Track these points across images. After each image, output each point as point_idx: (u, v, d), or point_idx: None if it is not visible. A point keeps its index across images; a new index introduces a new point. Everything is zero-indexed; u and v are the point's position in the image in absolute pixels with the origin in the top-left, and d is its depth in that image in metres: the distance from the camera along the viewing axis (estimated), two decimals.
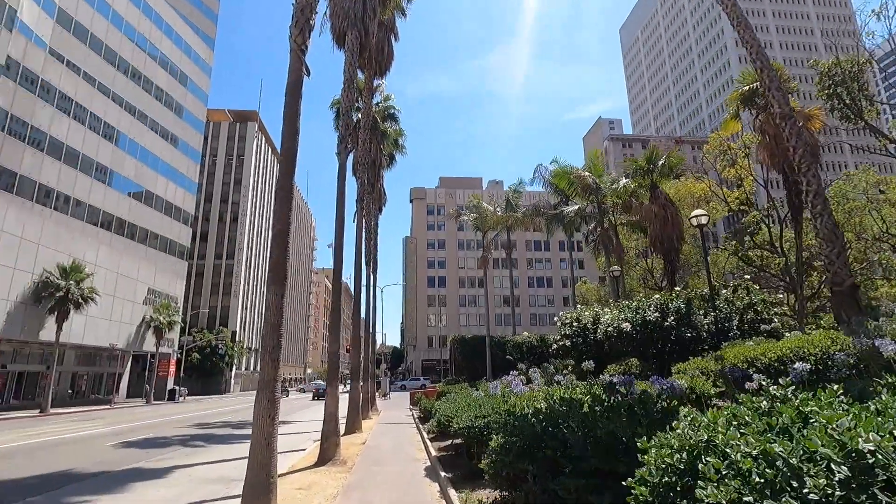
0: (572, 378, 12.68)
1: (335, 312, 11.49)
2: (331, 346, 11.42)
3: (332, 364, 11.22)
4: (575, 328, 15.41)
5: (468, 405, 9.33)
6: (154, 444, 15.19)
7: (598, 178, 23.34)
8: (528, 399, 7.34)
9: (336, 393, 11.20)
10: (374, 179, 26.77)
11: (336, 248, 11.59)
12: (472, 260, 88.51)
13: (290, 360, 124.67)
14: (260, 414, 6.16)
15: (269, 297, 6.50)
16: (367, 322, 26.65)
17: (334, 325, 11.35)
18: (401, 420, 21.39)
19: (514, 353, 25.22)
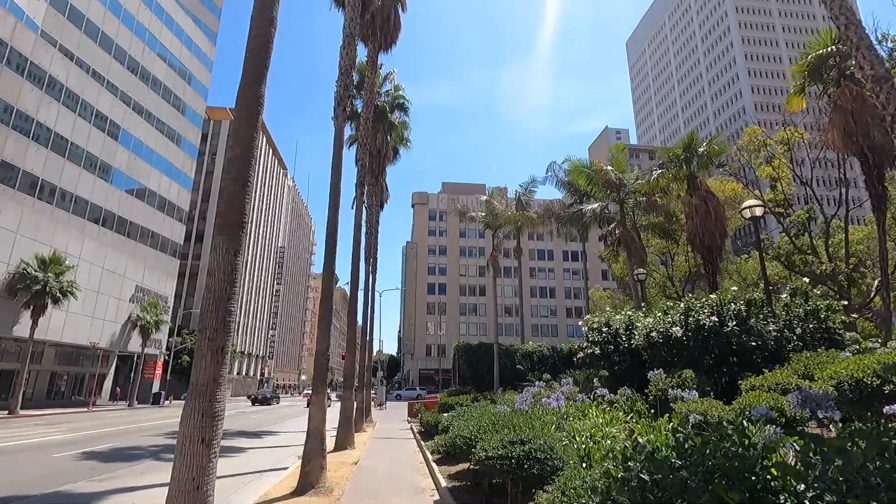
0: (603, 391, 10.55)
1: (325, 302, 9.41)
2: (318, 343, 9.31)
3: (320, 366, 9.10)
4: (604, 334, 13.28)
5: (493, 424, 7.20)
6: (117, 457, 12.97)
7: (620, 173, 21.38)
8: (593, 427, 5.28)
9: (322, 402, 9.05)
10: (378, 171, 24.82)
11: (330, 225, 9.52)
12: (473, 267, 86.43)
13: (284, 367, 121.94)
14: (189, 437, 4.05)
15: (214, 258, 4.46)
16: (365, 325, 24.51)
17: (324, 317, 9.26)
18: (399, 434, 19.14)
19: (524, 363, 23.06)
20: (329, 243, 9.52)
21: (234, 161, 4.78)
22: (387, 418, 28.46)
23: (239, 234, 4.50)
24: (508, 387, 21.88)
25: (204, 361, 4.21)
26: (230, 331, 4.31)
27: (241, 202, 4.63)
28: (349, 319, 15.27)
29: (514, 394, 20.75)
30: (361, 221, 16.67)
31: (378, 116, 23.51)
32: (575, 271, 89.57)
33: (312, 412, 8.74)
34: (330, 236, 9.54)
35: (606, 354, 12.99)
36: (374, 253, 27.01)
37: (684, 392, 8.12)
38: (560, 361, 23.96)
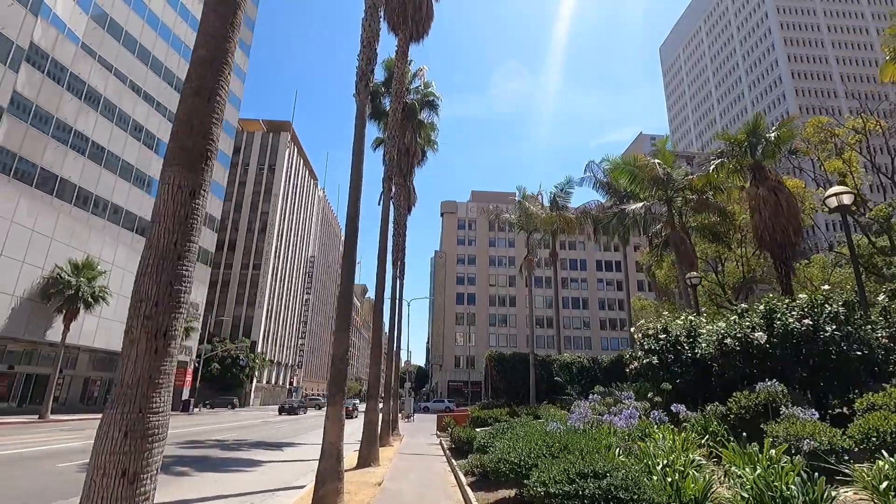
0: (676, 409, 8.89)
1: (344, 298, 8.19)
2: (335, 346, 8.07)
3: (336, 372, 7.85)
4: (662, 342, 11.58)
5: (547, 446, 5.74)
6: None
7: (668, 168, 19.62)
8: (669, 452, 3.80)
9: (339, 414, 7.76)
10: (406, 171, 23.78)
11: (351, 208, 8.33)
12: (503, 277, 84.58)
13: (314, 376, 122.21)
14: (101, 468, 2.64)
15: (161, 198, 3.21)
16: (392, 332, 23.32)
17: (342, 315, 8.04)
18: (427, 450, 17.68)
19: (563, 375, 21.32)
20: (349, 229, 8.34)
21: (198, 65, 3.63)
22: (415, 432, 27.04)
23: (200, 166, 3.25)
24: (546, 400, 20.20)
25: (135, 350, 2.92)
26: (181, 308, 3.06)
27: (206, 123, 3.41)
28: (374, 323, 14.05)
29: (554, 408, 19.05)
30: (389, 217, 15.52)
31: (407, 114, 22.52)
32: (609, 281, 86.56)
33: (327, 426, 7.47)
34: (350, 220, 8.37)
35: (665, 365, 11.29)
36: (402, 257, 25.87)
37: (796, 410, 6.44)
38: (601, 374, 22.12)
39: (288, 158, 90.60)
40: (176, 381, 38.57)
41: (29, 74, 33.42)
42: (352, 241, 8.41)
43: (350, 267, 8.31)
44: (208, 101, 3.47)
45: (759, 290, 25.59)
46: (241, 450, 17.14)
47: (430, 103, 24.78)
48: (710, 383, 11.23)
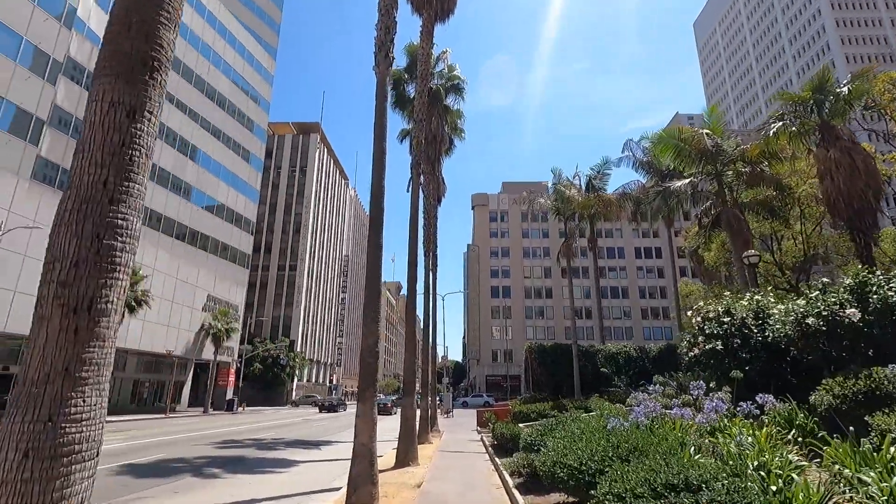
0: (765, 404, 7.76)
1: (372, 284, 7.49)
2: (364, 338, 7.37)
3: (366, 366, 7.16)
4: (726, 326, 10.37)
5: (613, 447, 4.83)
6: (157, 471, 11.80)
7: (718, 138, 18.04)
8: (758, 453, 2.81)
9: (371, 413, 7.09)
10: (433, 158, 23.00)
11: (374, 186, 7.62)
12: (538, 269, 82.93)
13: (353, 373, 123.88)
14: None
15: (88, 118, 2.42)
16: (427, 324, 22.65)
17: (370, 304, 7.33)
18: (468, 447, 16.93)
19: (609, 366, 20.13)
20: (374, 209, 7.64)
21: None
22: (454, 428, 26.38)
23: (142, 78, 2.48)
24: (591, 393, 19.10)
25: (45, 331, 2.17)
26: (116, 271, 2.31)
27: (150, 22, 2.60)
28: (407, 313, 13.37)
29: (602, 400, 17.93)
30: (418, 205, 14.78)
31: (432, 100, 21.72)
32: (650, 269, 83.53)
33: (358, 426, 6.80)
34: (375, 199, 7.67)
35: (731, 351, 10.09)
36: (434, 248, 25.18)
37: None
38: (650, 364, 20.79)
39: (318, 159, 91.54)
40: (220, 382, 39.41)
41: (68, 88, 34.49)
42: (377, 223, 7.70)
43: (376, 251, 7.60)
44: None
45: (820, 270, 23.54)
46: (277, 449, 16.85)
47: (455, 87, 23.90)
48: (783, 370, 9.98)
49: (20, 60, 28.52)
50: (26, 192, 27.81)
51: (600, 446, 4.86)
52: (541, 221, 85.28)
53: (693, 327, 11.59)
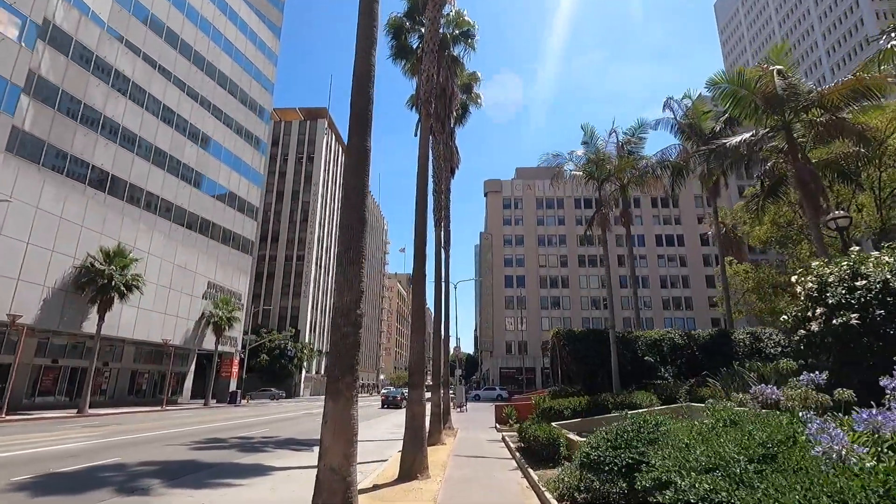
0: None
1: (354, 204, 4.73)
2: (341, 292, 4.58)
3: (343, 340, 4.40)
4: (860, 293, 7.37)
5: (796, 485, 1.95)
6: (69, 485, 9.21)
7: (792, 77, 14.91)
8: None
9: (347, 414, 4.32)
10: (443, 116, 20.06)
11: (360, 48, 4.81)
12: (554, 257, 79.67)
13: (363, 366, 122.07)
14: None
15: None
16: (438, 302, 19.88)
17: (350, 238, 4.57)
18: (489, 449, 14.14)
19: (653, 355, 17.16)
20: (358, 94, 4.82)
21: None
22: (469, 424, 23.64)
23: None
24: (631, 385, 16.16)
25: None
26: None
27: None
28: (415, 283, 10.56)
29: (649, 395, 14.98)
30: (427, 154, 11.90)
31: (440, 46, 18.70)
32: (671, 257, 79.85)
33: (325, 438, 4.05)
34: (359, 82, 4.84)
35: (871, 328, 7.09)
36: (447, 222, 22.37)
37: None
38: (701, 352, 17.78)
39: (326, 146, 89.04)
40: (223, 373, 36.83)
41: (52, 58, 32.11)
42: (362, 119, 4.93)
43: (359, 157, 4.83)
44: None
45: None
46: (261, 450, 14.24)
47: (464, 35, 20.75)
48: None
49: None
50: (1, 164, 25.47)
51: (750, 477, 2.03)
52: (556, 208, 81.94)
53: (798, 298, 8.59)
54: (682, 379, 16.29)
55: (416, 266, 10.51)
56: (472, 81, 25.10)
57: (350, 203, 4.85)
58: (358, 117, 5.09)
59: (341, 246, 4.87)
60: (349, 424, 4.28)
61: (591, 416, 14.02)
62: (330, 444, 4.13)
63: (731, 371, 12.64)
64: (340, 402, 4.32)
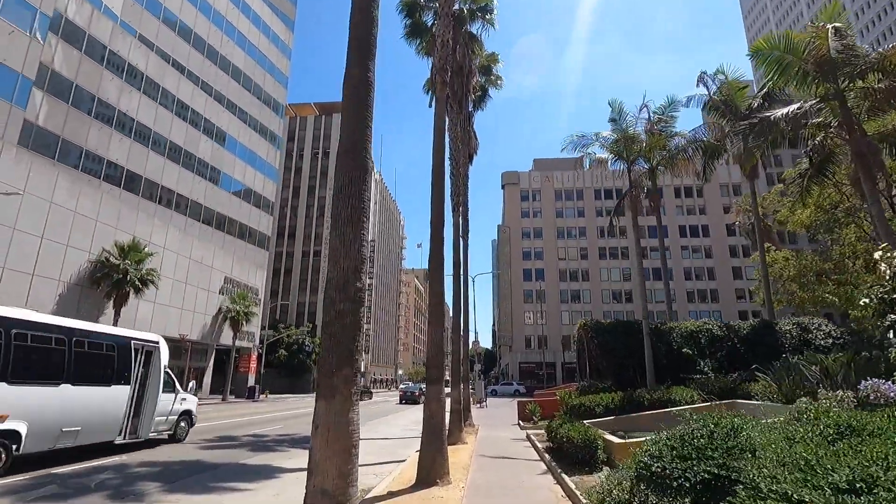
0: None
1: (353, 139, 3.77)
2: (336, 260, 3.63)
3: (339, 319, 3.45)
4: None
5: None
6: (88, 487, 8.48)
7: (850, 37, 13.42)
8: None
9: (345, 419, 3.32)
10: (461, 95, 19.00)
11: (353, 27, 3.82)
12: (573, 250, 77.92)
13: (381, 361, 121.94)
14: None
15: None
16: (459, 297, 18.87)
17: (347, 183, 3.63)
18: (514, 449, 13.10)
19: (690, 347, 15.89)
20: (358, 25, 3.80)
21: None
22: (490, 421, 22.63)
23: None
24: (667, 381, 14.92)
25: None
26: None
27: None
28: (432, 273, 9.55)
29: (689, 391, 13.73)
30: (444, 122, 10.81)
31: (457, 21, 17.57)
32: (695, 248, 77.45)
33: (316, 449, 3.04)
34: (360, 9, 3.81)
35: None
36: (465, 209, 21.34)
37: None
38: (741, 344, 16.42)
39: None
40: (241, 368, 36.40)
41: (66, 52, 31.87)
42: (364, 41, 3.91)
43: (360, 88, 3.84)
44: None
45: None
46: (274, 450, 13.43)
47: (482, 10, 19.57)
48: None
49: (2, 13, 25.78)
50: (14, 158, 25.23)
51: None
52: (576, 200, 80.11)
53: (883, 278, 7.31)
54: (722, 373, 15.00)
55: (434, 249, 9.49)
56: (491, 63, 23.95)
57: (348, 149, 3.85)
58: (359, 43, 4.09)
59: (337, 202, 3.89)
60: (347, 432, 3.30)
61: (626, 413, 12.90)
62: (321, 457, 3.17)
63: (784, 364, 11.35)
64: (336, 401, 3.34)
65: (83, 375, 11.14)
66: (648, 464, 4.67)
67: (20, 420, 9.27)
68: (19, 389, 9.49)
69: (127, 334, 13.40)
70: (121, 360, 12.36)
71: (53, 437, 10.06)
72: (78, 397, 10.78)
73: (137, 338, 13.56)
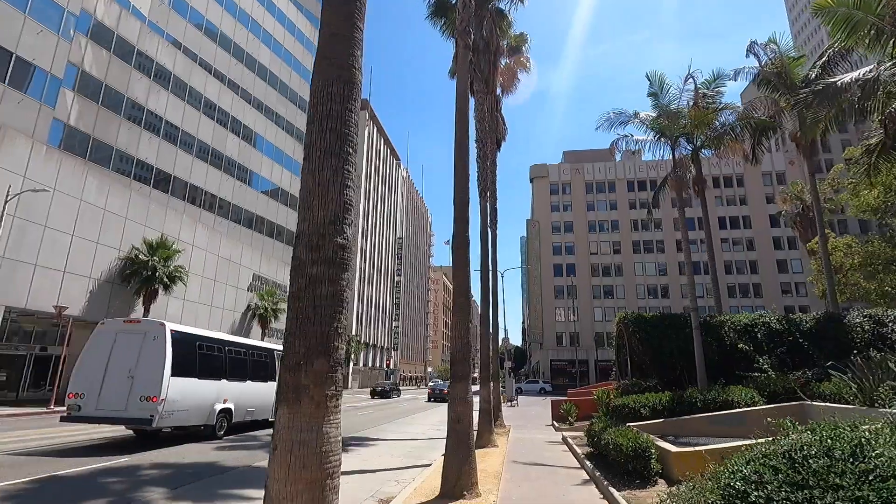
0: None
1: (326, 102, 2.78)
2: (309, 205, 2.51)
3: (311, 291, 2.45)
4: None
5: None
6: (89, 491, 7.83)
7: None
8: None
9: (314, 433, 2.30)
10: (487, 74, 17.86)
11: None
12: (606, 244, 75.45)
13: (410, 358, 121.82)
14: None
15: None
16: (486, 296, 17.77)
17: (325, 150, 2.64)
18: (550, 455, 11.93)
19: (746, 342, 14.33)
20: None
21: None
22: (522, 421, 21.47)
23: None
24: (719, 379, 13.44)
25: None
26: None
27: None
28: (456, 258, 8.50)
29: (749, 390, 12.24)
30: (466, 87, 9.71)
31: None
32: (736, 241, 73.85)
33: (271, 478, 2.02)
34: None
35: None
36: (493, 198, 20.19)
37: None
38: (804, 339, 14.72)
39: (368, 137, 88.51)
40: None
41: (95, 53, 32.24)
42: None
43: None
44: None
45: None
46: None
47: None
48: None
49: (30, 12, 26.08)
50: (43, 157, 25.50)
51: None
52: (608, 192, 77.52)
53: None
54: (784, 371, 13.41)
55: (458, 231, 8.44)
56: (520, 43, 22.79)
57: (328, 54, 2.80)
58: None
59: (312, 127, 2.91)
60: (318, 455, 2.23)
61: (676, 416, 11.54)
62: (280, 495, 2.15)
63: (867, 361, 9.81)
64: (303, 409, 2.27)
65: (255, 375, 16.75)
66: (744, 491, 3.49)
67: (232, 403, 14.96)
68: (230, 384, 15.05)
69: (273, 347, 19.20)
70: (271, 365, 17.90)
71: (243, 414, 15.69)
72: (253, 389, 16.38)
73: (278, 349, 18.95)
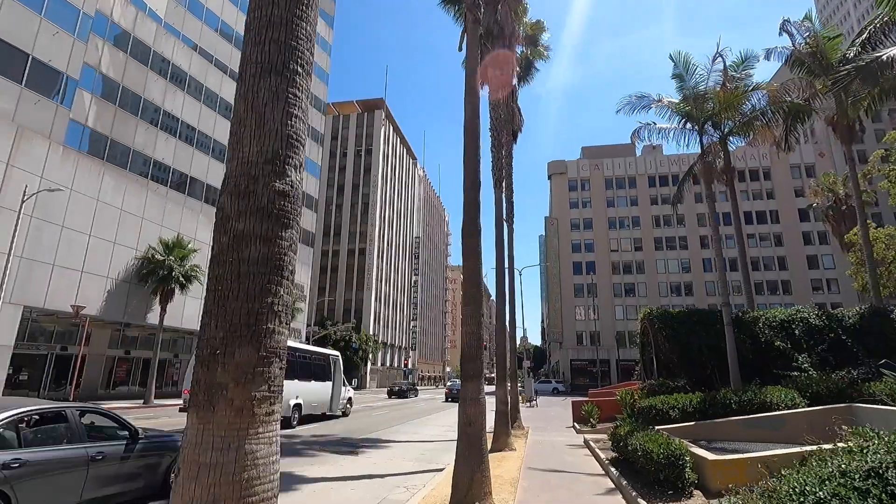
0: None
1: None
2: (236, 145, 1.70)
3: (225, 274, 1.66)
4: None
5: None
6: None
7: None
8: None
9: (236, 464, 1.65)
10: (504, 60, 17.09)
11: None
12: (626, 241, 73.71)
13: (429, 358, 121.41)
14: None
15: None
16: (502, 292, 17.05)
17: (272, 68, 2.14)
18: (571, 460, 11.14)
19: (783, 339, 13.30)
20: None
21: None
22: (542, 422, 20.64)
23: None
24: (754, 378, 12.45)
25: None
26: None
27: None
28: (466, 245, 7.82)
29: (789, 391, 11.27)
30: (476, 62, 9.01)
31: None
32: (763, 236, 71.39)
33: None
34: None
35: None
36: (509, 190, 19.43)
37: None
38: (847, 335, 13.60)
39: (384, 137, 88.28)
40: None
41: (112, 55, 32.48)
42: None
43: None
44: None
45: None
46: (303, 453, 12.15)
47: None
48: None
49: (46, 14, 26.27)
50: (60, 158, 25.65)
51: None
52: (628, 188, 75.74)
53: None
54: (826, 370, 12.37)
55: (469, 216, 7.75)
56: (536, 32, 22.05)
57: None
58: None
59: (248, 40, 2.28)
60: (235, 484, 1.60)
61: (709, 419, 10.65)
62: None
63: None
64: (217, 418, 1.48)
65: (316, 376, 20.20)
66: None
67: (300, 399, 18.17)
68: (298, 383, 18.26)
69: (328, 352, 22.87)
70: (327, 367, 21.59)
71: (308, 408, 19.05)
72: (315, 388, 19.85)
73: (331, 353, 23.34)
